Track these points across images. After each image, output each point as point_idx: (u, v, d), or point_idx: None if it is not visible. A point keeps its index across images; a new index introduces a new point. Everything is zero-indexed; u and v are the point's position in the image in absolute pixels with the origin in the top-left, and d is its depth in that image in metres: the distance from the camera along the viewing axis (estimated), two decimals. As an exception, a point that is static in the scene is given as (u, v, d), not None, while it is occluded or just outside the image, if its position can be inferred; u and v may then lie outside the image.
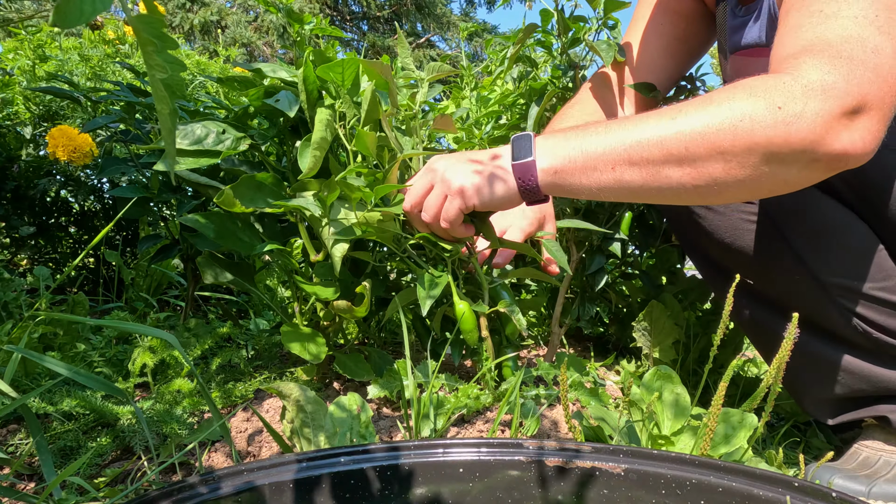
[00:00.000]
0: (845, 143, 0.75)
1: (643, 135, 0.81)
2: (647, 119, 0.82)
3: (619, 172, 0.83)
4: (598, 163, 0.83)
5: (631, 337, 1.51)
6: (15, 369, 0.78)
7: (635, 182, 0.83)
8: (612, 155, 0.82)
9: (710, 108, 0.78)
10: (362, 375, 1.12)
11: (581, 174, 0.85)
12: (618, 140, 0.82)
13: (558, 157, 0.86)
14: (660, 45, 1.29)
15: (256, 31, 12.27)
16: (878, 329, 0.99)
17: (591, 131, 0.85)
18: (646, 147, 0.80)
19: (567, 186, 0.87)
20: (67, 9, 0.31)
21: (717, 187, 0.80)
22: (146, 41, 0.37)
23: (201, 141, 0.94)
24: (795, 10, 0.83)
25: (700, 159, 0.78)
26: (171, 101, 0.39)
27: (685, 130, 0.78)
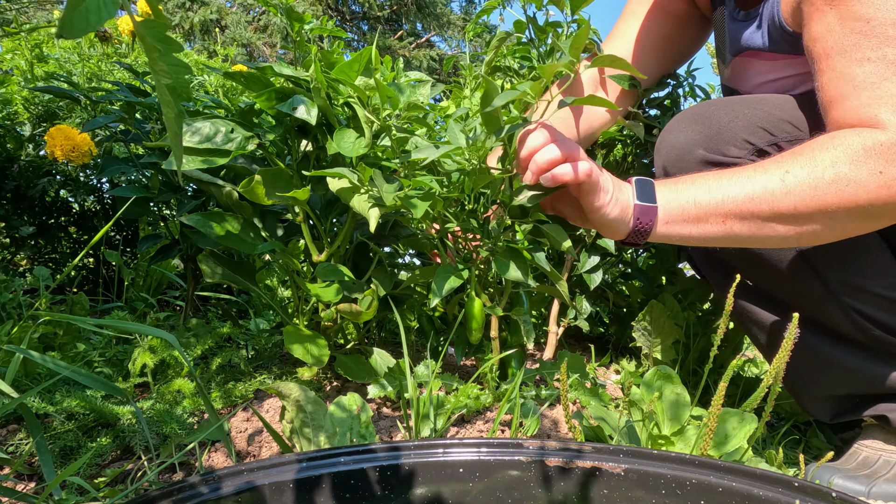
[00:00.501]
0: None
1: (753, 191, 0.87)
2: (755, 175, 0.87)
3: (728, 225, 0.89)
4: (710, 216, 0.89)
5: (631, 337, 1.51)
6: (16, 370, 0.78)
7: (743, 234, 0.89)
8: (723, 209, 0.88)
9: (816, 172, 0.84)
10: (362, 376, 1.12)
11: (693, 225, 0.90)
12: (729, 195, 0.88)
13: (674, 208, 0.90)
14: (646, 43, 1.29)
15: (256, 31, 12.27)
16: (879, 326, 0.99)
17: (702, 184, 0.90)
18: (756, 203, 0.86)
19: (675, 235, 0.92)
20: (73, 18, 0.31)
21: (816, 238, 0.89)
22: (151, 47, 0.37)
23: (210, 139, 0.94)
24: (840, 54, 0.87)
25: (805, 217, 0.86)
26: (176, 105, 0.39)
27: (794, 192, 0.85)
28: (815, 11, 0.90)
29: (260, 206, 1.16)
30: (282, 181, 0.99)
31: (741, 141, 1.00)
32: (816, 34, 0.90)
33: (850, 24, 0.86)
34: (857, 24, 0.85)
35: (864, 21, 0.85)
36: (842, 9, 0.87)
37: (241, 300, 1.66)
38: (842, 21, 0.87)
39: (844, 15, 0.87)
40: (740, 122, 1.01)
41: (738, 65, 1.15)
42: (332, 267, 1.02)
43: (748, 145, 1.00)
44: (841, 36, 0.87)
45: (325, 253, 1.09)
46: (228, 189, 1.10)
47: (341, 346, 1.28)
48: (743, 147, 1.00)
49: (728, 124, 1.01)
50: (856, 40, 0.86)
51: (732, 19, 1.12)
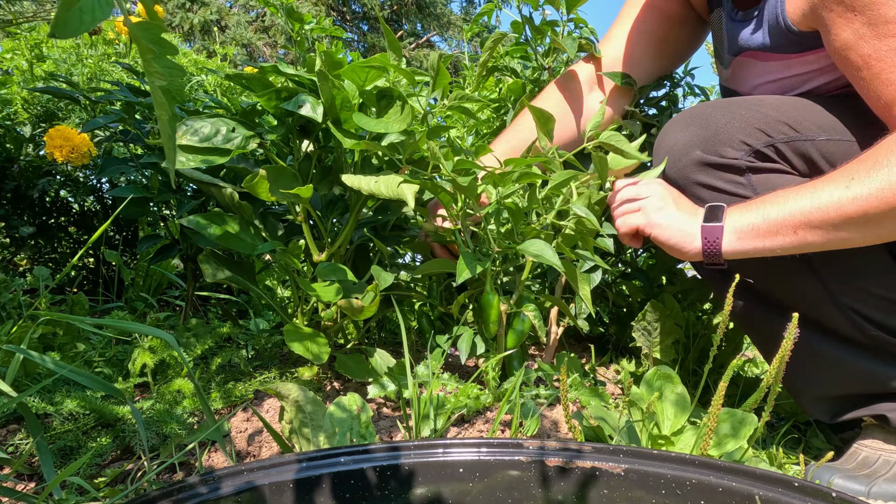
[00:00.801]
0: None
1: (820, 200, 0.90)
2: (823, 185, 0.91)
3: (801, 235, 0.93)
4: (782, 228, 0.93)
5: (631, 337, 1.51)
6: (16, 370, 0.78)
7: (816, 242, 0.93)
8: (792, 221, 0.93)
9: (881, 174, 0.86)
10: (363, 375, 1.12)
11: (764, 239, 0.95)
12: (797, 206, 0.92)
13: (744, 226, 0.96)
14: (642, 43, 1.30)
15: (256, 31, 12.27)
16: (878, 326, 0.99)
17: (771, 200, 0.95)
18: (825, 212, 0.90)
19: (749, 250, 0.97)
20: (67, 18, 0.31)
21: (886, 237, 0.91)
22: (146, 48, 0.37)
23: (210, 138, 0.94)
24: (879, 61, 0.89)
25: (875, 220, 0.88)
26: (170, 107, 0.39)
27: (861, 196, 0.87)
28: (838, 18, 0.91)
29: (260, 206, 1.16)
30: (285, 179, 0.99)
31: (738, 142, 1.00)
32: (846, 42, 0.91)
33: (883, 28, 0.87)
34: (888, 26, 0.87)
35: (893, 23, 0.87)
36: (869, 14, 0.88)
37: (241, 300, 1.66)
38: (872, 27, 0.88)
39: (874, 20, 0.88)
40: (737, 123, 1.01)
41: (736, 66, 1.15)
42: (333, 267, 1.02)
43: (745, 146, 1.00)
44: (877, 41, 0.89)
45: (326, 253, 1.09)
46: (229, 190, 1.10)
47: (341, 346, 1.28)
48: (740, 148, 1.00)
49: (725, 126, 1.01)
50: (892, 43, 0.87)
51: (731, 20, 1.12)
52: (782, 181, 1.01)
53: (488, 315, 1.08)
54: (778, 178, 1.01)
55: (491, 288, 1.08)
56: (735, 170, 1.01)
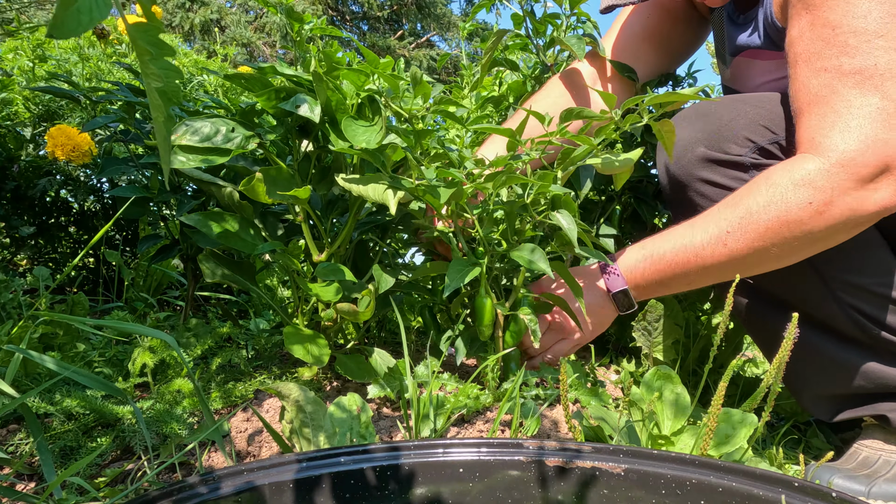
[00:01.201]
0: (882, 202, 0.86)
1: (702, 259, 0.98)
2: (699, 233, 0.98)
3: (693, 283, 1.03)
4: (672, 280, 1.04)
5: (631, 337, 1.51)
6: (16, 370, 0.78)
7: (708, 282, 1.03)
8: (676, 269, 1.02)
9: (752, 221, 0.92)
10: (363, 376, 1.12)
11: (659, 288, 1.07)
12: (677, 255, 1.01)
13: (638, 277, 1.07)
14: (643, 37, 1.30)
15: (256, 31, 12.27)
16: (879, 325, 0.99)
17: (654, 244, 1.06)
18: (705, 260, 0.98)
19: (653, 295, 1.11)
20: (65, 19, 0.31)
21: (780, 263, 0.97)
22: (143, 50, 0.37)
23: (210, 138, 0.94)
24: (805, 62, 0.90)
25: (755, 263, 0.96)
26: (166, 109, 0.39)
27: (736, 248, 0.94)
28: (794, 14, 0.90)
29: (260, 206, 1.16)
30: (283, 180, 0.99)
31: (742, 139, 1.00)
32: (791, 38, 0.91)
33: (817, 31, 0.86)
34: (824, 30, 0.86)
35: (830, 28, 0.85)
36: (814, 14, 0.87)
37: (241, 300, 1.66)
38: (812, 27, 0.87)
39: (815, 21, 0.87)
40: (742, 119, 1.01)
41: (738, 65, 1.15)
42: (333, 266, 1.02)
43: (749, 143, 1.00)
44: (809, 42, 0.87)
45: (326, 253, 1.09)
46: (229, 189, 1.10)
47: (341, 346, 1.28)
48: (744, 145, 1.00)
49: (730, 122, 1.01)
50: (819, 48, 0.86)
51: (732, 21, 1.12)
52: None
53: (481, 318, 1.07)
54: None
55: (485, 291, 1.07)
56: (739, 166, 1.01)
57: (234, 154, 0.95)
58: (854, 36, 0.83)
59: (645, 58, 1.30)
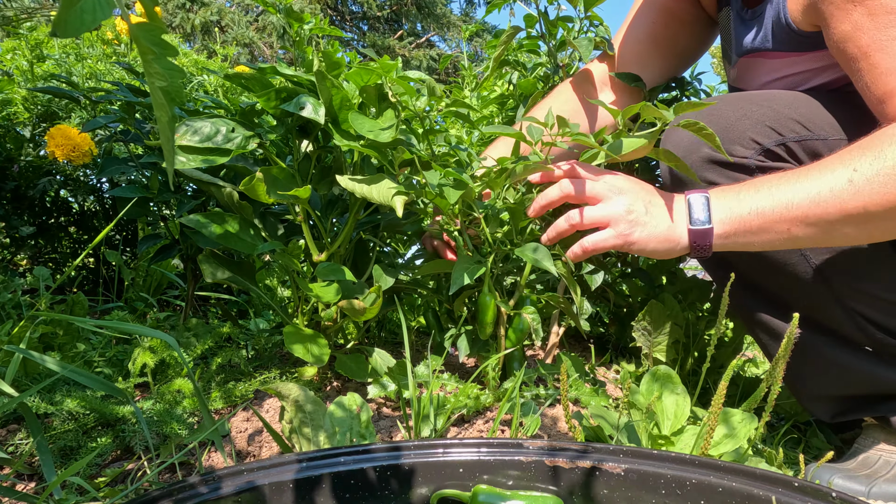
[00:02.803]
0: None
1: (820, 194, 0.83)
2: (821, 176, 0.84)
3: (793, 232, 0.86)
4: (774, 224, 0.86)
5: (631, 337, 1.51)
6: (16, 370, 0.78)
7: (806, 239, 0.87)
8: (787, 216, 0.85)
9: (886, 166, 0.80)
10: (363, 375, 1.12)
11: (754, 235, 0.88)
12: (794, 200, 0.85)
13: (734, 221, 0.88)
14: (652, 44, 1.29)
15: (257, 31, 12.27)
16: (880, 329, 0.99)
17: (764, 189, 0.88)
18: (823, 207, 0.83)
19: (738, 245, 0.91)
20: (68, 18, 0.31)
21: (888, 235, 0.85)
22: (146, 49, 0.37)
23: (210, 138, 0.94)
24: (880, 51, 0.86)
25: (878, 217, 0.81)
26: (169, 109, 0.39)
27: (864, 191, 0.80)
28: (837, 10, 0.89)
29: (260, 206, 1.16)
30: (283, 180, 0.99)
31: (748, 140, 0.99)
32: (845, 34, 0.89)
33: (881, 19, 0.85)
34: (890, 17, 0.85)
35: (894, 13, 0.85)
36: (868, 4, 0.86)
37: (241, 300, 1.66)
38: (872, 17, 0.86)
39: (874, 10, 0.86)
40: (747, 120, 0.99)
41: (744, 65, 1.15)
42: (333, 266, 1.02)
43: (755, 144, 0.99)
44: (875, 32, 0.86)
45: (326, 253, 1.09)
46: (229, 189, 1.10)
47: (341, 346, 1.28)
48: (749, 146, 0.99)
49: (735, 122, 1.00)
50: (893, 34, 0.85)
51: (740, 20, 1.12)
52: None
53: (484, 316, 1.07)
54: None
55: (489, 289, 1.07)
56: (744, 169, 1.00)
57: (235, 154, 0.95)
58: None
59: (652, 64, 1.30)
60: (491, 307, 1.07)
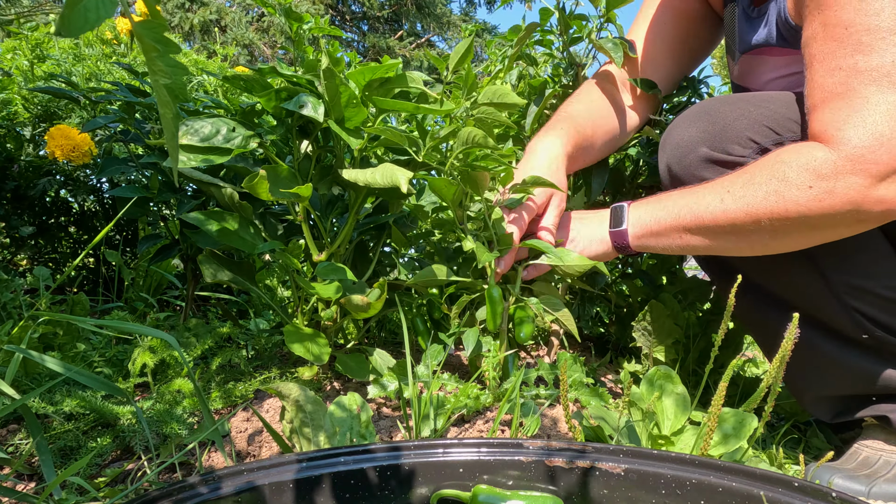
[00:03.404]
0: (889, 202, 0.84)
1: (698, 208, 0.97)
2: (704, 193, 0.98)
3: (685, 239, 1.01)
4: (668, 231, 1.02)
5: (631, 337, 1.51)
6: (16, 370, 0.78)
7: (698, 245, 1.00)
8: (677, 225, 1.01)
9: (751, 189, 0.92)
10: (363, 375, 1.12)
11: (657, 239, 1.05)
12: (682, 212, 1.00)
13: (641, 226, 1.06)
14: (663, 46, 1.29)
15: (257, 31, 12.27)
16: (881, 327, 0.99)
17: (665, 201, 1.04)
18: (702, 219, 0.97)
19: (648, 247, 1.08)
20: (72, 17, 0.31)
21: (767, 248, 0.96)
22: (149, 47, 0.37)
23: (210, 138, 0.94)
24: (819, 62, 0.90)
25: (747, 230, 0.93)
26: (173, 106, 0.39)
27: (731, 208, 0.93)
28: (808, 15, 0.91)
29: (260, 206, 1.16)
30: (284, 179, 0.99)
31: (746, 139, 1.00)
32: (805, 39, 0.91)
33: (830, 31, 0.87)
34: (837, 30, 0.86)
35: (843, 27, 0.85)
36: (826, 14, 0.87)
37: (241, 300, 1.66)
38: (825, 27, 0.87)
39: (827, 21, 0.87)
40: (745, 120, 1.00)
41: (747, 62, 1.15)
42: (333, 266, 1.02)
43: (753, 144, 0.99)
44: (823, 43, 0.88)
45: (326, 252, 1.09)
46: (229, 190, 1.10)
47: (341, 346, 1.28)
48: (747, 146, 1.00)
49: (733, 122, 1.01)
50: (833, 48, 0.86)
51: (746, 16, 1.12)
52: None
53: (494, 309, 1.09)
54: None
55: (494, 282, 1.09)
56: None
57: (235, 154, 0.95)
58: (868, 34, 0.83)
59: (664, 64, 1.31)
60: (499, 299, 1.09)
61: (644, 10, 1.32)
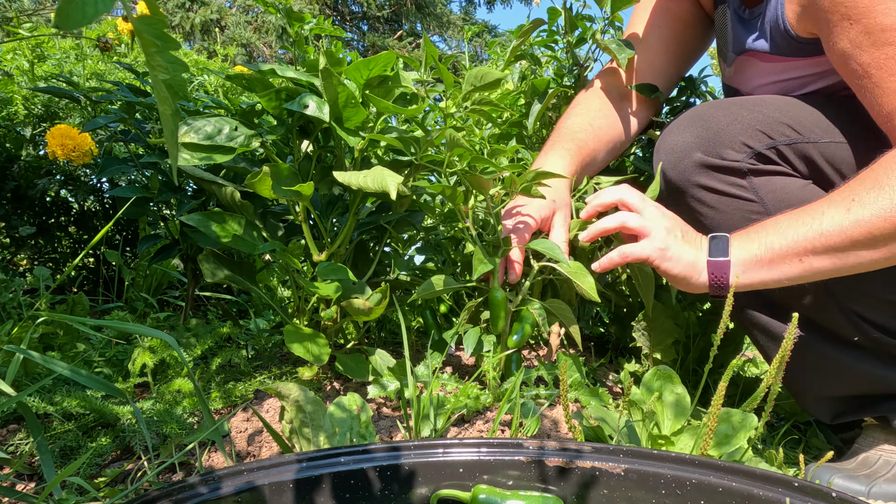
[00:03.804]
0: None
1: (822, 224, 0.88)
2: (825, 209, 0.89)
3: (807, 263, 0.91)
4: (784, 257, 0.92)
5: (631, 337, 1.51)
6: (16, 370, 0.78)
7: (826, 268, 0.91)
8: (796, 248, 0.90)
9: (883, 194, 0.85)
10: (363, 375, 1.12)
11: (769, 269, 0.93)
12: (801, 232, 0.90)
13: (749, 256, 0.94)
14: (658, 48, 1.29)
15: (256, 31, 12.26)
16: (879, 329, 0.99)
17: (772, 229, 0.93)
18: (829, 237, 0.88)
19: (756, 282, 0.95)
20: (70, 10, 0.31)
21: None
22: (148, 42, 0.37)
23: (213, 136, 0.94)
24: (878, 69, 0.88)
25: (885, 239, 0.86)
26: (173, 102, 0.39)
27: (864, 218, 0.86)
28: (835, 27, 0.90)
29: (261, 206, 1.16)
30: (286, 178, 0.99)
31: (739, 144, 1.00)
32: (844, 51, 0.91)
33: (878, 36, 0.87)
34: (885, 34, 0.86)
35: (892, 31, 0.85)
36: (865, 23, 0.87)
37: (241, 300, 1.66)
38: (869, 34, 0.87)
39: (870, 28, 0.87)
40: (739, 125, 1.01)
41: (740, 64, 1.15)
42: (333, 266, 1.02)
43: (746, 148, 1.00)
44: (874, 49, 0.87)
45: (326, 252, 1.09)
46: (230, 189, 1.10)
47: (341, 346, 1.28)
48: (741, 150, 1.00)
49: (726, 127, 1.01)
50: (890, 52, 0.86)
51: (738, 18, 1.12)
52: (784, 184, 1.00)
53: (496, 312, 1.09)
54: (780, 180, 1.01)
55: (498, 285, 1.09)
56: (736, 172, 1.01)
57: (238, 152, 0.95)
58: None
59: (662, 67, 1.31)
60: (502, 303, 1.09)
61: (637, 14, 1.32)
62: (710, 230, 1.06)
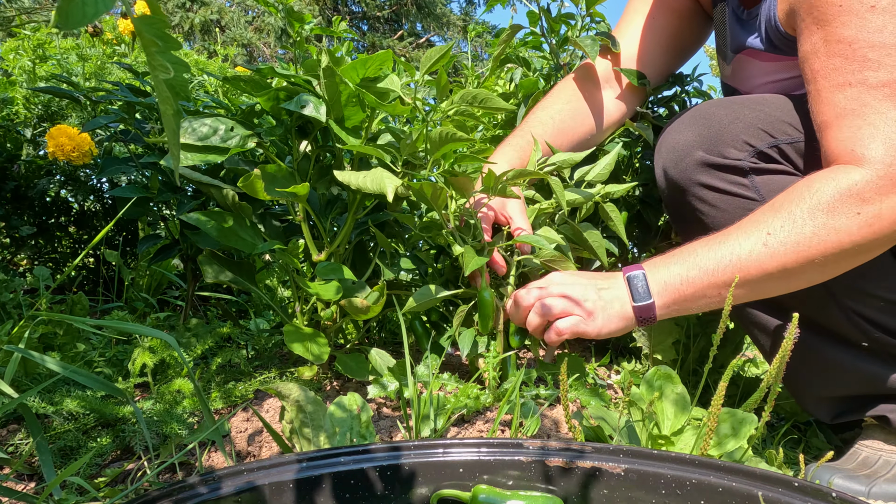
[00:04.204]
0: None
1: (740, 258, 0.89)
2: (740, 241, 0.90)
3: (724, 294, 0.91)
4: (704, 290, 0.93)
5: (631, 337, 1.51)
6: (15, 369, 0.78)
7: (741, 297, 0.93)
8: (715, 281, 0.91)
9: (795, 228, 0.86)
10: (363, 375, 1.12)
11: (690, 302, 0.95)
12: (717, 266, 0.91)
13: (670, 292, 0.95)
14: (652, 39, 1.30)
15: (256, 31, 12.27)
16: (879, 328, 0.99)
17: (691, 259, 0.94)
18: (745, 270, 0.89)
19: (681, 312, 0.97)
20: (70, 10, 0.31)
21: (814, 282, 0.91)
22: (149, 42, 0.37)
23: (208, 137, 0.94)
24: (824, 78, 0.88)
25: (797, 272, 0.88)
26: (174, 102, 0.39)
27: (779, 252, 0.87)
28: (805, 29, 0.91)
29: (260, 206, 1.16)
30: (282, 178, 0.99)
31: (741, 143, 1.00)
32: (805, 53, 0.91)
33: (833, 47, 0.86)
34: (840, 46, 0.86)
35: (846, 44, 0.85)
36: (827, 30, 0.87)
37: (241, 300, 1.66)
38: (826, 43, 0.87)
39: (829, 37, 0.87)
40: (740, 123, 1.00)
41: (738, 63, 1.15)
42: (333, 266, 1.02)
43: (748, 147, 1.00)
44: (826, 58, 0.87)
45: (325, 252, 1.09)
46: (228, 190, 1.10)
47: (341, 346, 1.28)
48: (743, 149, 1.00)
49: (728, 125, 1.01)
50: (838, 63, 0.86)
51: (736, 18, 1.12)
52: (785, 182, 1.00)
53: (486, 312, 1.09)
54: (781, 179, 1.01)
55: (485, 285, 1.09)
56: (738, 171, 1.01)
57: (233, 153, 0.95)
58: (872, 50, 0.83)
59: (655, 59, 1.31)
60: (490, 301, 1.09)
61: (633, 4, 1.32)
62: (711, 229, 1.06)
